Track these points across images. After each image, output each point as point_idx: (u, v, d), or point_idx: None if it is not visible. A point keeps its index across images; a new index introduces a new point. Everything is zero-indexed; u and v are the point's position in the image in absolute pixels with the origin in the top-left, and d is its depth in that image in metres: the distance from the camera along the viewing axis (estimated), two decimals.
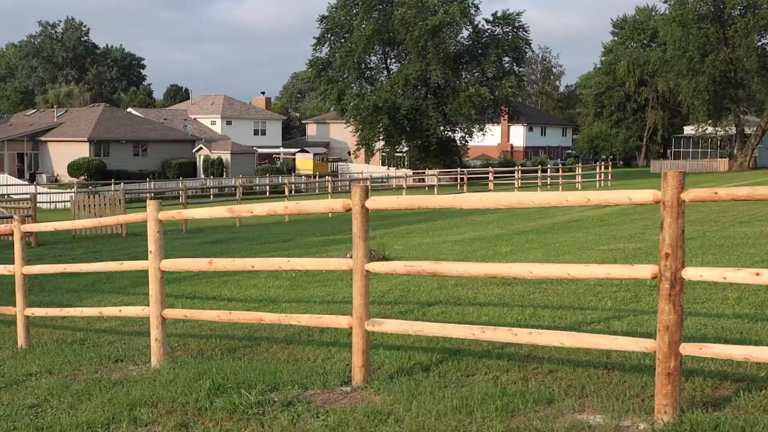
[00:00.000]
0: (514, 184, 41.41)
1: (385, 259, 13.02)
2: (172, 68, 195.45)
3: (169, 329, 7.43)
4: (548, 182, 45.60)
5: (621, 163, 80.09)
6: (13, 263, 8.44)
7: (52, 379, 6.41)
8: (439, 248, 14.82)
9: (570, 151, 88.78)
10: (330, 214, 27.40)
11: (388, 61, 59.76)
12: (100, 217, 21.81)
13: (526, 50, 60.86)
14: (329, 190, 34.46)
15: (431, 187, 51.03)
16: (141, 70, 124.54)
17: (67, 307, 9.37)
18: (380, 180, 53.60)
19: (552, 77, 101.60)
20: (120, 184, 46.67)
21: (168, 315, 6.75)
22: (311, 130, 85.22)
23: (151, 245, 6.64)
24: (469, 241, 15.84)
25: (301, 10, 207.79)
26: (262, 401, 5.14)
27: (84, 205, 22.38)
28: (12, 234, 8.01)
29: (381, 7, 55.47)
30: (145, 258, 6.72)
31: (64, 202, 43.03)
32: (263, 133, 76.84)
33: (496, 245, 14.76)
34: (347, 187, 43.95)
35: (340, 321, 5.76)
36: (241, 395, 5.19)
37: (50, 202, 41.33)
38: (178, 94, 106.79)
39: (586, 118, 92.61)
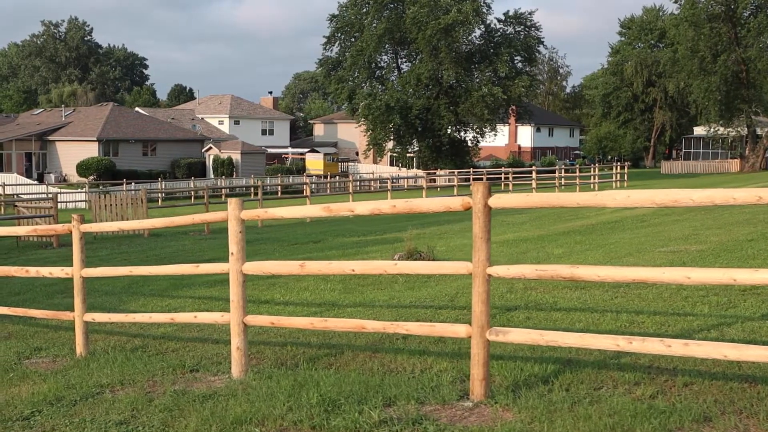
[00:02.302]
0: (530, 184, 40.92)
1: (434, 259, 12.55)
2: (173, 68, 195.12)
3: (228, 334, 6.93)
4: (563, 183, 45.17)
5: (629, 163, 79.53)
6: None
7: (129, 392, 5.93)
8: None
9: (578, 151, 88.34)
10: (351, 215, 26.96)
11: (399, 60, 59.25)
12: (122, 216, 21.33)
13: (538, 50, 60.38)
14: (350, 191, 34.01)
15: (444, 188, 50.53)
16: (144, 70, 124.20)
17: (131, 312, 8.91)
18: (390, 180, 53.00)
19: (559, 77, 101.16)
20: (131, 183, 46.23)
21: (251, 322, 6.26)
22: (318, 130, 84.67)
23: (233, 247, 6.17)
24: (514, 243, 15.35)
25: (302, 11, 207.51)
26: (386, 419, 4.65)
27: (105, 205, 21.86)
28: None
29: (392, 6, 54.97)
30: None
31: (75, 202, 42.61)
32: (271, 132, 76.32)
33: (544, 246, 14.27)
34: (358, 188, 43.44)
35: (457, 330, 5.28)
36: (362, 412, 4.71)
37: (61, 202, 40.78)
38: (182, 94, 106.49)
39: (592, 118, 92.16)
